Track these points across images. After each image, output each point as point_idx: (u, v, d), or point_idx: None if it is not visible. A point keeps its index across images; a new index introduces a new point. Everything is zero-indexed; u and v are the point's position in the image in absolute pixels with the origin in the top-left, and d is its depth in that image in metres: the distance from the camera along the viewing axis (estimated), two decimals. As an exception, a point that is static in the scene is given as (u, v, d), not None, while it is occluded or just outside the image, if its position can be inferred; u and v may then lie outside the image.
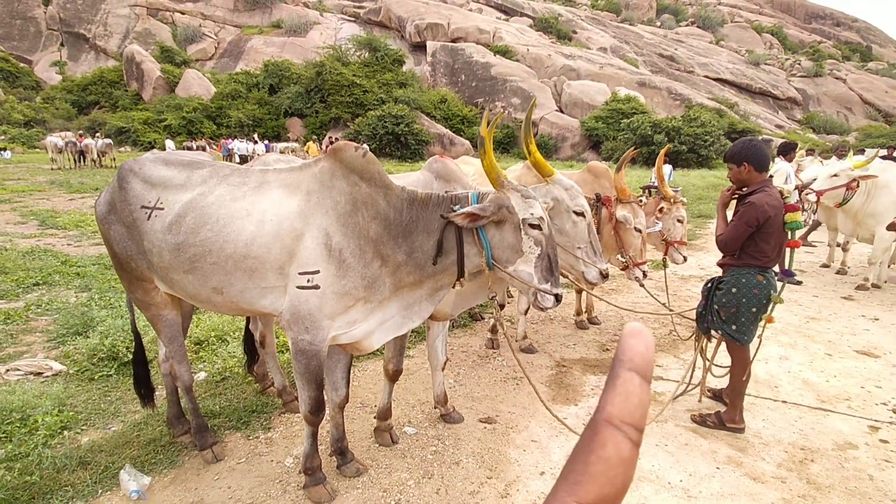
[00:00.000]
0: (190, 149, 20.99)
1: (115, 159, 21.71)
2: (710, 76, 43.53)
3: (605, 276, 3.04)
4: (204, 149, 21.65)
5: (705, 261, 7.70)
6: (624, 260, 3.87)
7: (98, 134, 24.37)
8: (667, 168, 10.80)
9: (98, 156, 21.07)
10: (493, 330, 4.58)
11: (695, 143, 25.68)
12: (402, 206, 2.27)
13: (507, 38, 38.44)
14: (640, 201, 4.08)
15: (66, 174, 17.88)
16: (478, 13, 45.33)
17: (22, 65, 38.14)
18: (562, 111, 32.31)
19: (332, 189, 2.25)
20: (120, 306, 4.96)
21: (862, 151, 6.96)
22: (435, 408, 3.38)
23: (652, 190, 5.95)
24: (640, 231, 3.83)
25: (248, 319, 3.60)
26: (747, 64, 48.92)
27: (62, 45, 40.61)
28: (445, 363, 3.31)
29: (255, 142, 21.17)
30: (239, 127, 30.16)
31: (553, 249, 2.25)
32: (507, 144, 30.05)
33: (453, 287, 2.50)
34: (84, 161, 20.85)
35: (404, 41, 39.81)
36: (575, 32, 46.95)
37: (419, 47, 38.63)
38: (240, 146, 20.23)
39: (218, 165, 2.49)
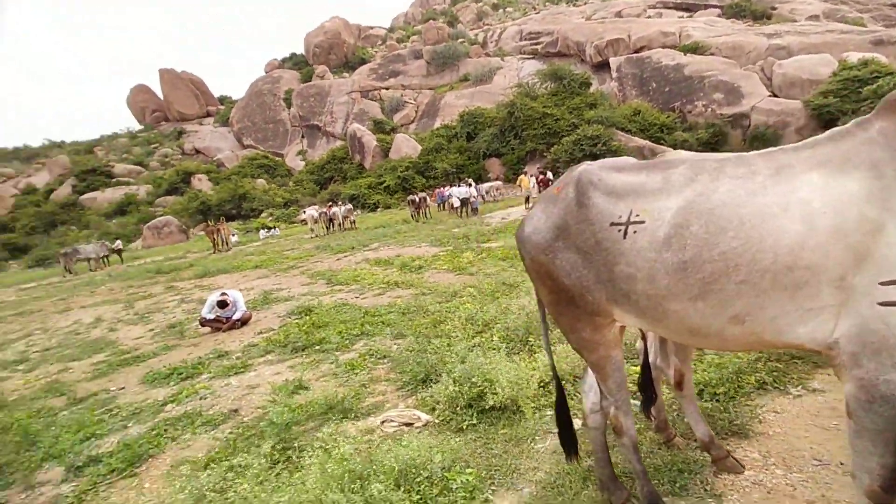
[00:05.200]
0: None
1: (353, 222, 25.00)
2: None
3: None
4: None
5: None
6: None
7: (340, 202, 28.53)
8: None
9: (342, 220, 24.52)
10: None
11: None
12: None
13: (696, 34, 34.62)
14: None
15: (324, 240, 21.00)
16: (658, 18, 42.07)
17: (277, 158, 47.97)
18: (775, 95, 27.44)
19: None
20: (448, 352, 4.77)
21: None
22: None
23: None
24: None
25: (645, 351, 2.98)
26: None
27: (303, 136, 49.99)
28: None
29: (470, 184, 22.27)
30: (444, 176, 32.58)
31: None
32: (714, 144, 26.74)
33: None
34: (333, 227, 24.46)
35: (585, 64, 38.87)
36: (774, 8, 40.14)
37: (602, 66, 37.33)
38: (457, 191, 21.47)
39: (693, 159, 1.93)
